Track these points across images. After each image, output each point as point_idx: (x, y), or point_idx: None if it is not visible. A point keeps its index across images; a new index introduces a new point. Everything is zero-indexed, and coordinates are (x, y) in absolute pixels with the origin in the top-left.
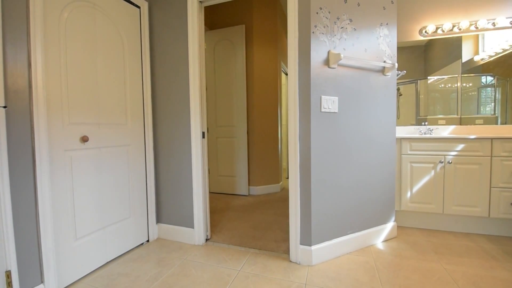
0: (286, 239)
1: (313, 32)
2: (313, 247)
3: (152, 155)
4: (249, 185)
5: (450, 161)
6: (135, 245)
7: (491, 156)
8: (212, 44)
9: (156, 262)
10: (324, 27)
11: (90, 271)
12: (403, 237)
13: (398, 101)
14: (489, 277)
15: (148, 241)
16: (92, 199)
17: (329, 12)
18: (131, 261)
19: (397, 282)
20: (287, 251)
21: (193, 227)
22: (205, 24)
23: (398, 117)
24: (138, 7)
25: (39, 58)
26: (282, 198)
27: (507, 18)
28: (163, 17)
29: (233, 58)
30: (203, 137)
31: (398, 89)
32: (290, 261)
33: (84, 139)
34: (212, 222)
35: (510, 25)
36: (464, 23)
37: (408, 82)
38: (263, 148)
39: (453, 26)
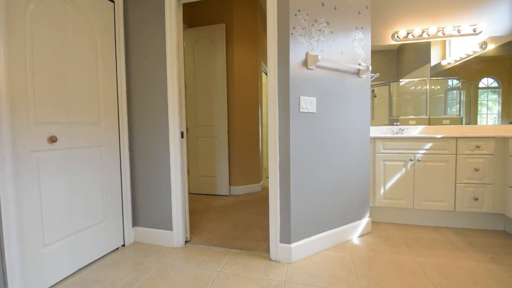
0: (266, 238)
1: (291, 34)
2: (293, 245)
3: (127, 155)
4: (230, 185)
5: (420, 159)
6: (110, 250)
7: (456, 154)
8: (192, 42)
9: (132, 267)
10: (302, 29)
11: (61, 279)
12: (377, 232)
13: (372, 102)
14: (455, 267)
15: (124, 245)
16: (61, 203)
17: (307, 15)
18: (105, 266)
19: (371, 275)
20: (267, 250)
21: (171, 230)
22: (184, 22)
23: (373, 118)
24: (113, 1)
25: (1, 51)
26: (263, 198)
27: (470, 25)
28: (139, 13)
29: (213, 57)
30: (182, 137)
31: (372, 91)
32: (270, 259)
33: (52, 139)
34: (192, 223)
35: (473, 32)
36: (432, 29)
37: (382, 84)
38: (244, 148)
39: (423, 32)
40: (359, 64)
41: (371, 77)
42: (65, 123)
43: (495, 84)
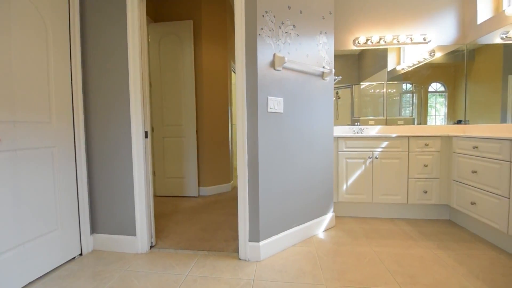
0: (236, 237)
1: (259, 34)
2: (261, 243)
3: (84, 157)
4: (199, 186)
5: (377, 157)
6: (65, 260)
7: (408, 152)
8: (157, 37)
9: (90, 277)
10: (270, 30)
11: None
12: (340, 225)
13: (337, 103)
14: (407, 254)
15: (81, 254)
16: (5, 211)
17: (274, 17)
18: (59, 278)
19: (335, 267)
20: (236, 250)
21: (135, 235)
22: (149, 15)
23: (337, 118)
24: None
25: None
26: (233, 197)
27: (421, 34)
28: (97, 3)
29: (181, 54)
30: (146, 136)
31: (337, 93)
32: (240, 259)
33: None
34: (158, 227)
35: (423, 41)
36: (388, 37)
37: (345, 86)
38: (214, 148)
39: (380, 39)
40: (323, 67)
41: (334, 80)
42: (9, 121)
43: (442, 89)
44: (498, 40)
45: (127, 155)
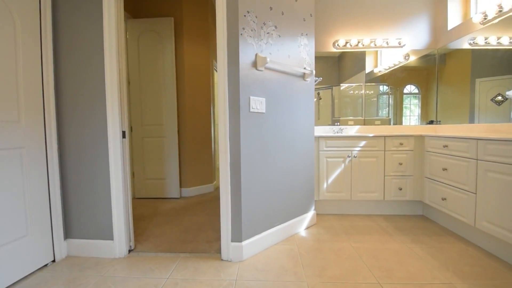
0: (218, 238)
1: (241, 34)
2: (244, 243)
3: (56, 158)
4: (180, 187)
5: (356, 156)
6: (36, 268)
7: (385, 151)
8: (136, 34)
9: (64, 285)
10: (252, 30)
11: None
12: (321, 223)
13: (318, 104)
14: (384, 249)
15: (54, 261)
16: None
17: (256, 17)
18: (30, 287)
19: (316, 263)
20: (219, 250)
21: (112, 239)
22: (127, 11)
23: (318, 118)
24: None
25: None
26: (216, 198)
27: (396, 39)
28: None
29: (161, 52)
30: (124, 136)
31: (318, 93)
32: (222, 259)
33: None
34: (137, 230)
35: (398, 45)
36: (366, 40)
37: (325, 87)
38: (196, 148)
39: (358, 42)
40: (305, 68)
41: (315, 81)
42: None
43: (416, 91)
44: (466, 46)
45: (103, 156)
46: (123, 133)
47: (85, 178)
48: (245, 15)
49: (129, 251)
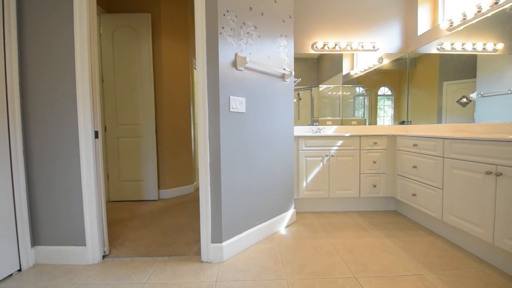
0: (198, 240)
1: (220, 33)
2: (224, 243)
3: (22, 161)
4: (159, 188)
5: (333, 155)
6: (0, 278)
7: (360, 150)
8: (110, 29)
9: None
10: (231, 30)
11: None
12: (300, 221)
13: (298, 104)
14: (360, 244)
15: (20, 270)
16: None
17: (236, 16)
18: None
19: (295, 261)
20: (199, 252)
21: (85, 245)
22: (100, 5)
23: (298, 118)
24: None
25: None
26: (196, 199)
27: (370, 42)
28: None
29: (138, 48)
30: (97, 137)
31: (298, 94)
32: (202, 261)
33: None
34: (112, 235)
35: (372, 48)
36: (343, 43)
37: (305, 88)
38: (175, 148)
39: (336, 45)
40: (284, 69)
41: (295, 82)
42: None
43: (389, 92)
44: (434, 51)
45: (74, 158)
46: (96, 133)
47: (54, 181)
48: (224, 14)
49: (103, 256)
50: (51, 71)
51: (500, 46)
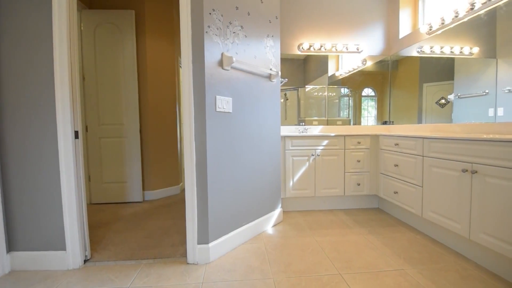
0: (184, 241)
1: (206, 32)
2: (211, 244)
3: None
4: (143, 190)
5: (319, 154)
6: None
7: (344, 149)
8: (92, 26)
9: None
10: (218, 29)
11: None
12: (287, 220)
13: (285, 104)
14: (344, 241)
15: None
16: None
17: (222, 15)
18: None
19: (282, 260)
20: (185, 254)
21: (65, 249)
22: (82, 0)
23: (285, 118)
24: None
25: None
26: (182, 200)
27: (355, 44)
28: None
29: (121, 46)
30: (77, 137)
31: (285, 94)
32: (188, 263)
33: None
34: (94, 238)
35: (356, 50)
36: (328, 45)
37: (292, 88)
38: (160, 148)
39: (321, 46)
40: (271, 69)
41: (281, 82)
42: None
43: (373, 93)
44: (415, 53)
45: (53, 159)
46: (76, 133)
47: (32, 183)
48: (210, 13)
49: (85, 261)
50: (28, 68)
51: (476, 50)
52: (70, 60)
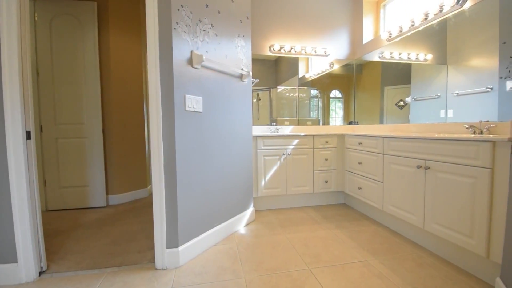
0: (152, 246)
1: (174, 29)
2: (181, 248)
3: None
4: (107, 194)
5: (290, 153)
6: None
7: (313, 148)
8: (48, 17)
9: None
10: (187, 26)
11: None
12: (259, 219)
13: (258, 104)
14: (314, 237)
15: None
16: None
17: (191, 12)
18: None
19: (254, 259)
20: (153, 260)
21: (16, 261)
22: None
23: (258, 118)
24: None
25: None
26: (151, 203)
27: (322, 48)
28: None
29: (81, 40)
30: (29, 137)
31: (257, 94)
32: (156, 268)
33: None
34: (51, 248)
35: (324, 54)
36: (298, 47)
37: (264, 89)
38: (126, 149)
39: (291, 48)
40: (242, 69)
41: (252, 82)
42: None
43: (340, 95)
44: (377, 58)
45: (1, 162)
46: (28, 133)
47: None
48: (178, 9)
49: (40, 273)
50: None
51: (430, 56)
52: (21, 54)
